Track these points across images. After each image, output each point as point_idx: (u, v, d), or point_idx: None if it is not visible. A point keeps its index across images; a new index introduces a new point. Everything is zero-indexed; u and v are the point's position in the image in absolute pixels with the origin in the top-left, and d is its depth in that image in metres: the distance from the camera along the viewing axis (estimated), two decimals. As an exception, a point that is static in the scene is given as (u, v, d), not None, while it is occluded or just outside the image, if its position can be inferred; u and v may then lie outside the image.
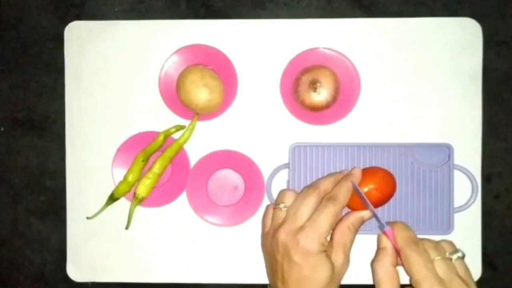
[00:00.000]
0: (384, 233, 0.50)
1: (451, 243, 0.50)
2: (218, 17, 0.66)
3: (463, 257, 0.49)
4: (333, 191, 0.53)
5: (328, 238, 0.52)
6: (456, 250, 0.49)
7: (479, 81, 0.64)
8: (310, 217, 0.51)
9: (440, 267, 0.47)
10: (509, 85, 0.66)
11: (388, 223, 0.50)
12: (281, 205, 0.53)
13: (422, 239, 0.50)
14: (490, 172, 0.65)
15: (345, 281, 0.53)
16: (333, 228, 0.52)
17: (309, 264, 0.49)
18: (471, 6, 0.65)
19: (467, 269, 0.49)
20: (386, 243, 0.50)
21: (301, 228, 0.50)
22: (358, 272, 0.56)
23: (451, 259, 0.48)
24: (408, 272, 0.48)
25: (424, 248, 0.48)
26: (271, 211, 0.55)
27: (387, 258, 0.49)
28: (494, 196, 0.66)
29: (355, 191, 0.53)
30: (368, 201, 0.52)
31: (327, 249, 0.51)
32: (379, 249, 0.50)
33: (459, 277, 0.47)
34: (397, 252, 0.49)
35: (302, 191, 0.54)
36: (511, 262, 0.66)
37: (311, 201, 0.52)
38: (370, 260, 0.49)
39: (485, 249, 0.64)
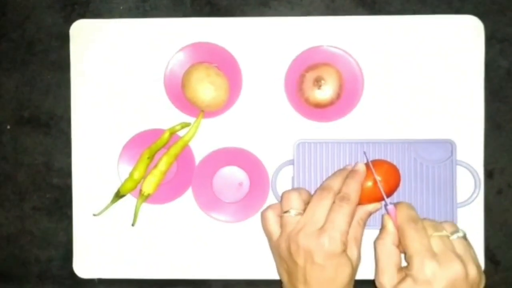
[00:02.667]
0: (388, 212, 0.50)
1: (453, 223, 0.51)
2: (223, 15, 0.66)
3: (464, 236, 0.50)
4: (344, 190, 0.53)
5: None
6: (456, 230, 0.50)
7: (481, 78, 0.64)
8: (327, 218, 0.51)
9: (436, 243, 0.48)
10: (511, 82, 0.66)
11: (393, 203, 0.51)
12: (292, 211, 0.53)
13: (423, 219, 0.50)
14: (492, 167, 0.66)
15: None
16: None
17: (332, 265, 0.50)
18: (473, 3, 0.66)
19: (467, 248, 0.49)
20: (388, 222, 0.51)
21: (322, 230, 0.50)
22: (366, 267, 0.57)
23: (449, 237, 0.49)
24: (403, 249, 0.49)
25: (423, 226, 0.49)
26: (272, 218, 0.55)
27: (388, 236, 0.50)
28: (497, 191, 0.67)
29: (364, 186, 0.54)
30: (381, 187, 0.53)
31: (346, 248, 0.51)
32: (381, 228, 0.51)
33: (456, 254, 0.47)
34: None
35: (315, 193, 0.54)
36: (513, 256, 0.67)
37: (327, 203, 0.52)
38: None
39: (488, 244, 0.65)
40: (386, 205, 0.51)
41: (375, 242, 0.51)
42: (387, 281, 0.49)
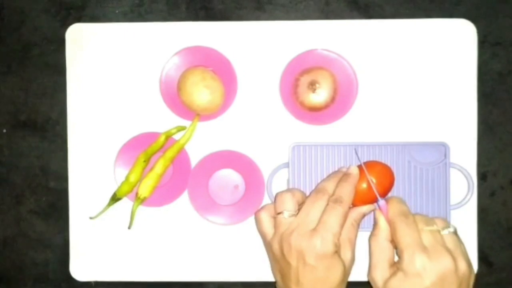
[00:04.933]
0: (379, 207, 0.51)
1: (444, 219, 0.52)
2: (218, 19, 0.67)
3: (454, 232, 0.50)
4: (337, 192, 0.53)
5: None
6: (447, 226, 0.50)
7: (474, 81, 0.65)
8: (320, 220, 0.51)
9: (427, 237, 0.48)
10: (504, 85, 0.67)
11: (385, 199, 0.52)
12: (285, 213, 0.53)
13: (415, 214, 0.51)
14: (485, 170, 0.67)
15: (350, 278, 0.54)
16: None
17: (324, 266, 0.50)
18: (466, 7, 0.67)
19: (458, 243, 0.49)
20: (379, 217, 0.51)
21: (314, 231, 0.51)
22: (361, 269, 0.58)
23: (439, 232, 0.49)
24: (395, 243, 0.49)
25: (414, 220, 0.50)
26: (266, 219, 0.55)
27: (381, 232, 0.51)
28: (490, 193, 0.67)
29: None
30: (374, 189, 0.53)
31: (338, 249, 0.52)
32: (374, 224, 0.52)
33: (446, 248, 0.48)
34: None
35: (310, 195, 0.54)
36: (507, 258, 0.68)
37: (321, 205, 0.52)
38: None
39: (481, 246, 0.65)
40: (377, 201, 0.52)
41: (368, 239, 0.52)
42: (379, 275, 0.50)
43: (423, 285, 0.47)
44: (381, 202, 0.51)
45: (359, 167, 0.56)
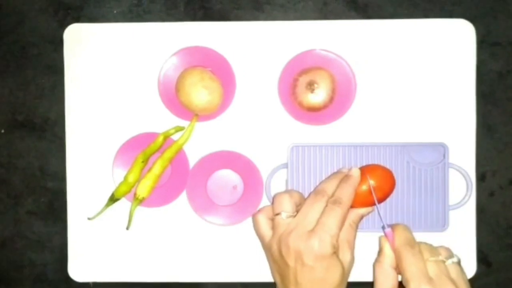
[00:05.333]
0: (385, 235, 0.51)
1: (448, 249, 0.51)
2: (216, 19, 0.67)
3: (458, 262, 0.50)
4: (337, 194, 0.53)
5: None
6: (451, 255, 0.50)
7: (473, 81, 0.65)
8: (318, 221, 0.51)
9: (432, 268, 0.49)
10: (502, 85, 0.67)
11: (390, 225, 0.51)
12: (283, 214, 0.53)
13: (420, 242, 0.51)
14: (484, 170, 0.67)
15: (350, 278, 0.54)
16: None
17: (323, 266, 0.50)
18: (464, 7, 0.66)
19: (460, 274, 0.50)
20: (385, 244, 0.51)
21: (313, 232, 0.51)
22: (362, 270, 0.57)
23: (444, 262, 0.49)
24: (400, 272, 0.49)
25: (419, 250, 0.50)
26: (264, 220, 0.55)
27: (386, 259, 0.51)
28: (488, 193, 0.67)
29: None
30: (374, 195, 0.53)
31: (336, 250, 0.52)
32: (379, 250, 0.52)
33: (450, 279, 0.48)
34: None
35: (309, 196, 0.54)
36: (505, 258, 0.68)
37: (320, 206, 0.52)
38: (373, 258, 0.51)
39: (480, 246, 0.65)
40: (384, 227, 0.51)
41: (373, 264, 0.52)
42: None
43: None
44: (387, 230, 0.51)
45: (361, 169, 0.56)
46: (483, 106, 0.66)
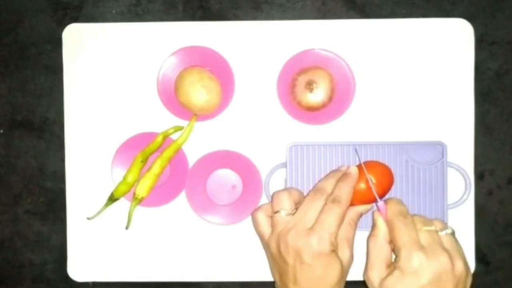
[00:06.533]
0: (378, 209, 0.51)
1: (442, 221, 0.52)
2: (215, 19, 0.67)
3: (452, 233, 0.51)
4: (336, 192, 0.53)
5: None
6: (445, 227, 0.51)
7: (471, 80, 0.65)
8: (317, 219, 0.52)
9: (424, 237, 0.49)
10: (500, 84, 0.67)
11: (384, 200, 0.52)
12: (282, 212, 0.54)
13: (413, 214, 0.51)
14: (482, 169, 0.67)
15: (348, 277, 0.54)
16: None
17: (321, 264, 0.50)
18: (463, 7, 0.67)
19: (454, 244, 0.50)
20: (378, 218, 0.51)
21: (311, 230, 0.51)
22: (361, 268, 0.57)
23: (437, 232, 0.50)
24: (392, 242, 0.50)
25: (412, 220, 0.50)
26: (263, 218, 0.55)
27: (379, 232, 0.51)
28: (487, 192, 0.67)
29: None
30: (374, 190, 0.54)
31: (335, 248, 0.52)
32: (373, 225, 0.52)
33: (443, 248, 0.48)
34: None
35: (308, 194, 0.54)
36: (504, 257, 0.68)
37: (319, 205, 0.53)
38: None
39: (478, 245, 0.66)
40: (376, 202, 0.52)
41: (367, 239, 0.52)
42: (376, 275, 0.50)
43: (420, 283, 0.47)
44: (380, 203, 0.51)
45: (359, 167, 0.56)
46: (482, 105, 0.66)
